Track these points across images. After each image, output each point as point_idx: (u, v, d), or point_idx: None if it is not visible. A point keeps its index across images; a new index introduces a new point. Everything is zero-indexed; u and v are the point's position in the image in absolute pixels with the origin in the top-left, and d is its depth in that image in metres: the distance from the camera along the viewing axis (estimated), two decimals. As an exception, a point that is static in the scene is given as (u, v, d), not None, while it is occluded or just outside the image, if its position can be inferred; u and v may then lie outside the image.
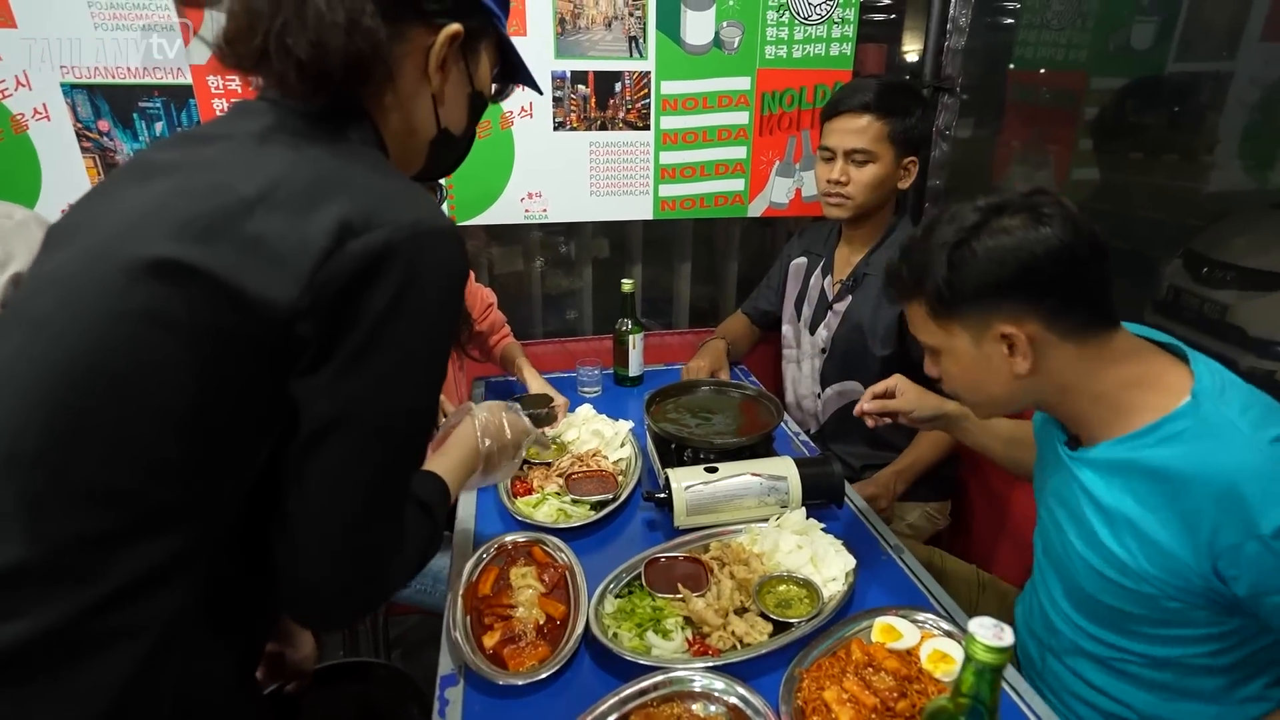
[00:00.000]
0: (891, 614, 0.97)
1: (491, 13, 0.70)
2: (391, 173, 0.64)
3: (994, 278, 0.80)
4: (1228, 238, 3.73)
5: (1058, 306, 0.81)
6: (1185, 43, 1.91)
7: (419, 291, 0.58)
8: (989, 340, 0.84)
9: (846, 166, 1.50)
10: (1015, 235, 0.79)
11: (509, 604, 1.00)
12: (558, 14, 1.68)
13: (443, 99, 0.70)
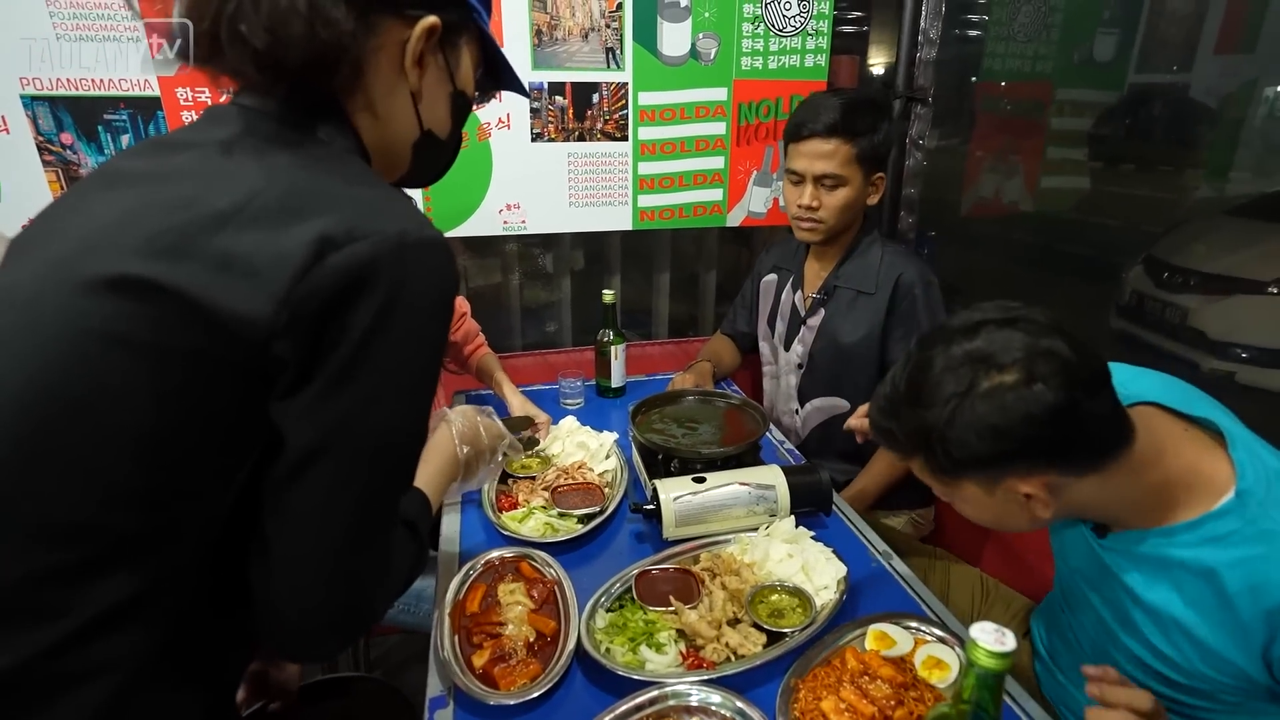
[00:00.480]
0: (884, 621, 0.96)
1: (470, 6, 0.67)
2: (373, 181, 0.61)
3: (993, 450, 0.73)
4: (1186, 243, 3.85)
5: (1068, 457, 0.75)
6: (1144, 55, 1.97)
7: (407, 306, 0.55)
8: (1001, 492, 0.78)
9: (817, 191, 1.47)
10: (1010, 399, 0.71)
11: (498, 621, 0.98)
12: (534, 25, 1.68)
13: (422, 97, 0.67)
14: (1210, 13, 1.88)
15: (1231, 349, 3.46)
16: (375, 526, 0.61)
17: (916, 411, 0.77)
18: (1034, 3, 1.88)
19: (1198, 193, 2.24)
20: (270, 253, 0.51)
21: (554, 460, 1.39)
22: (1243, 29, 1.91)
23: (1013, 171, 2.14)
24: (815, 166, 1.45)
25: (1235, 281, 3.58)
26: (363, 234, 0.53)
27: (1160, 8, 1.87)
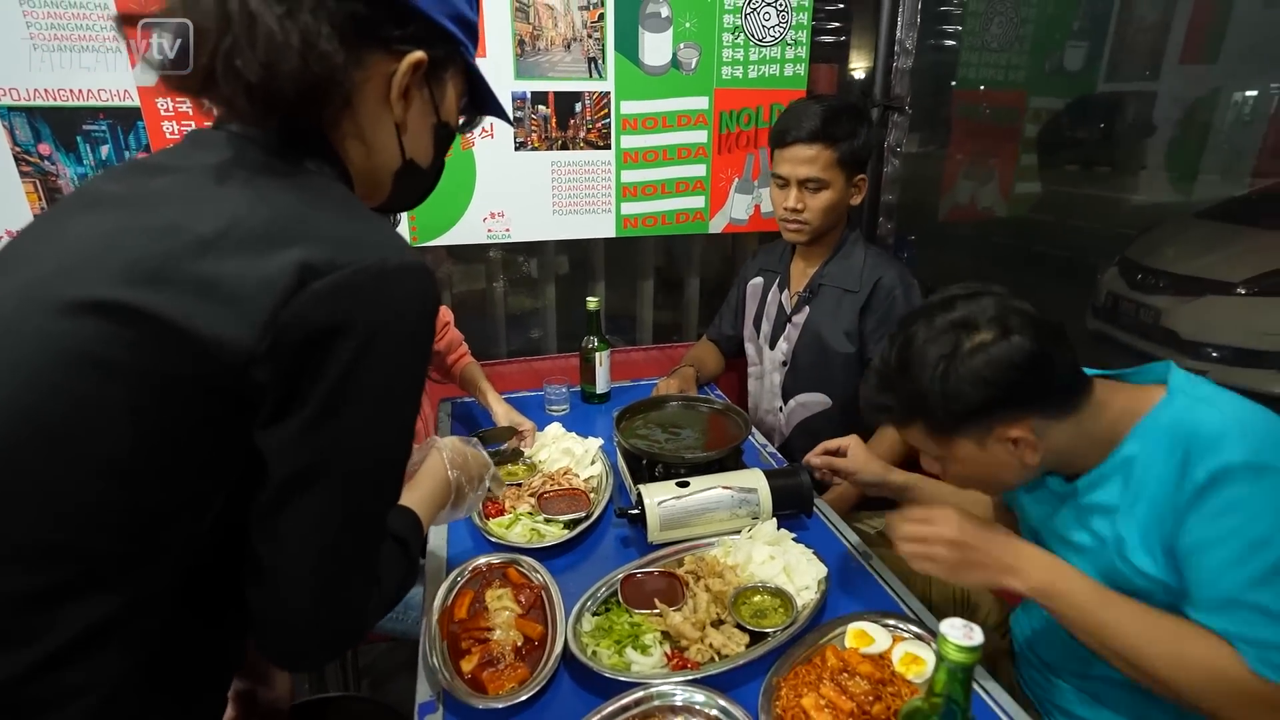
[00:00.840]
0: (863, 619, 0.99)
1: (458, 41, 0.68)
2: (356, 209, 0.61)
3: (987, 397, 0.83)
4: (1159, 246, 3.94)
5: (1047, 399, 0.85)
6: (1113, 64, 2.03)
7: (389, 332, 0.56)
8: (992, 442, 0.87)
9: (802, 194, 1.54)
10: (993, 352, 0.82)
11: (486, 626, 0.99)
12: (517, 35, 1.69)
13: (406, 128, 0.68)
14: (1175, 24, 1.93)
15: (1203, 349, 3.55)
16: (364, 545, 0.63)
17: (910, 378, 0.86)
18: (1006, 14, 1.92)
19: (1166, 197, 2.30)
20: (253, 279, 0.52)
21: (540, 467, 1.41)
22: (1206, 40, 1.97)
23: (988, 177, 2.19)
24: (799, 171, 1.52)
25: (1205, 283, 3.66)
26: (344, 261, 0.54)
27: (1127, 19, 1.92)
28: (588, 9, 1.72)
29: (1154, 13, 1.93)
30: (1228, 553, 0.76)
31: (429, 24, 0.64)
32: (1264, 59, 1.90)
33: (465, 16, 0.68)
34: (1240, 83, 1.98)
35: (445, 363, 1.67)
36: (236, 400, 0.53)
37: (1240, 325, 3.53)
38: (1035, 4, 1.93)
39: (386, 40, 0.63)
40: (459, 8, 0.67)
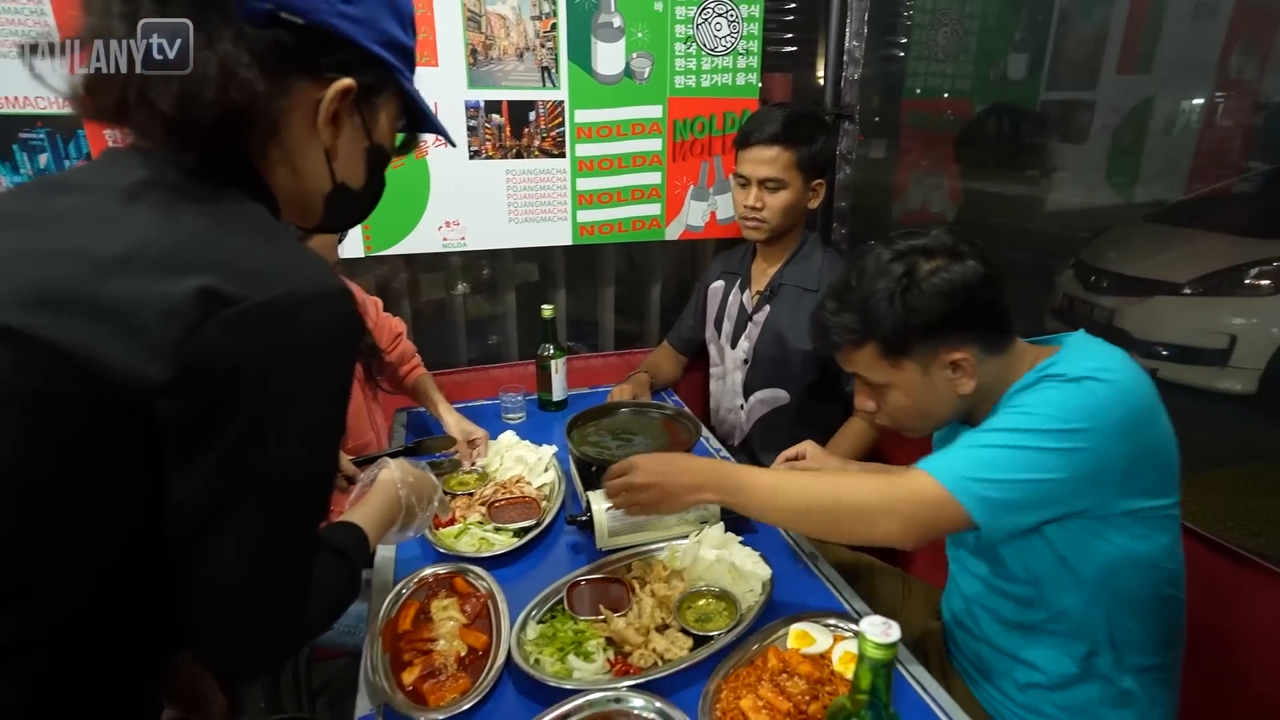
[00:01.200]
0: (805, 620, 1.01)
1: (390, 66, 0.66)
2: (273, 233, 0.60)
3: (943, 312, 0.89)
4: (1110, 248, 4.06)
5: (988, 326, 0.92)
6: (1054, 75, 2.09)
7: (306, 361, 0.55)
8: (936, 367, 0.93)
9: (761, 193, 1.61)
10: (951, 271, 0.89)
11: (429, 638, 0.99)
12: (469, 45, 1.69)
13: (336, 154, 0.66)
14: (1111, 37, 2.00)
15: (1153, 347, 3.67)
16: (292, 563, 0.62)
17: (871, 295, 0.92)
18: (951, 25, 1.98)
19: (1106, 200, 2.38)
20: (156, 306, 0.50)
21: (492, 476, 1.40)
22: (1140, 52, 2.04)
23: (938, 183, 2.24)
24: (759, 171, 1.59)
25: (1154, 284, 3.79)
26: (255, 290, 0.52)
27: (1066, 31, 1.99)
28: (540, 19, 1.73)
29: (1091, 26, 1.99)
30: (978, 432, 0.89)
31: (359, 51, 0.63)
32: (1193, 70, 1.97)
33: (399, 42, 0.67)
34: (1174, 92, 2.06)
35: (397, 374, 1.66)
36: (140, 427, 0.51)
37: (1186, 324, 3.66)
38: (979, 15, 1.99)
39: (313, 68, 0.61)
40: (392, 34, 0.66)
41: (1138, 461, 0.85)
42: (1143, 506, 0.87)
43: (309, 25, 0.59)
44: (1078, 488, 0.85)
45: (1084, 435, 0.83)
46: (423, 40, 1.66)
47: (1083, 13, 2.01)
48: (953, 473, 0.87)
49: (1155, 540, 0.90)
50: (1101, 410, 0.83)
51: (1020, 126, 2.23)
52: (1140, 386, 0.86)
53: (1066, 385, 0.86)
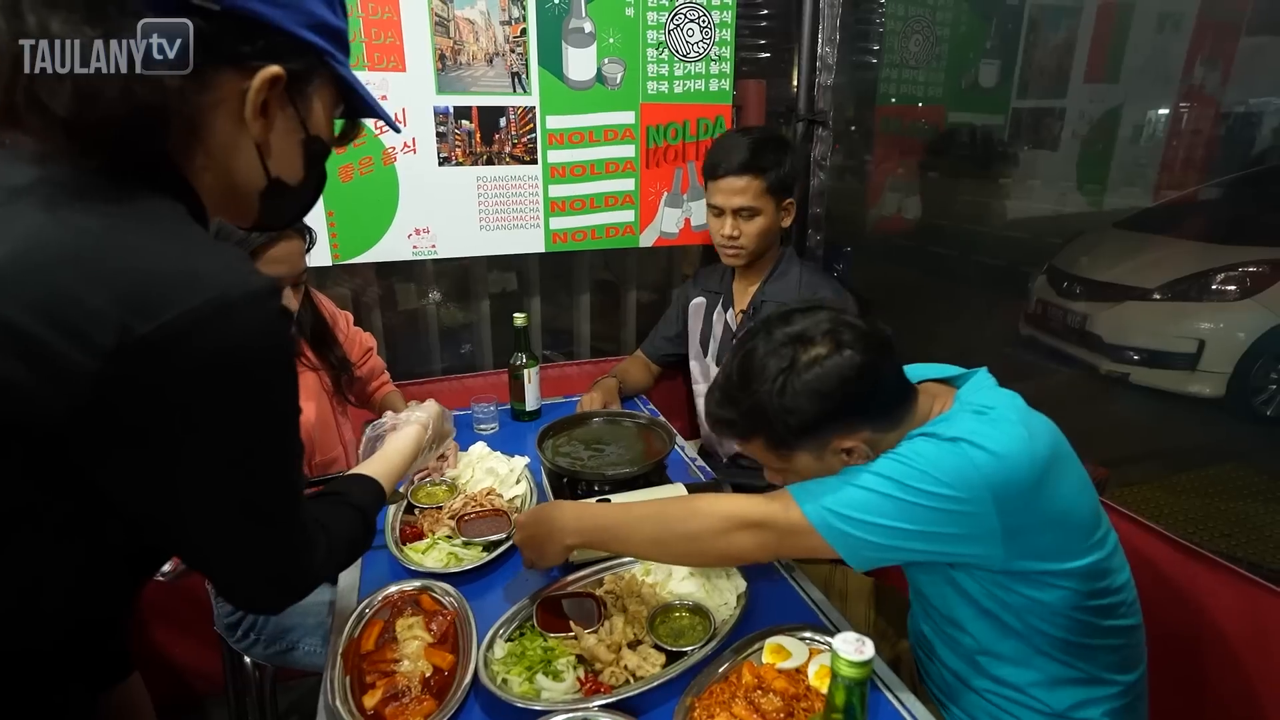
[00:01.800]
0: (780, 634, 0.98)
1: (321, 50, 0.62)
2: (189, 236, 0.55)
3: (821, 410, 0.87)
4: (1081, 254, 4.12)
5: (877, 410, 0.90)
6: (1024, 83, 2.12)
7: (237, 366, 0.52)
8: (829, 454, 0.91)
9: (737, 222, 1.64)
10: (827, 365, 0.86)
11: (393, 659, 0.95)
12: (437, 50, 1.67)
13: (269, 148, 0.62)
14: (1078, 46, 2.03)
15: (1125, 352, 3.72)
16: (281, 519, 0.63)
17: (751, 392, 0.89)
18: (923, 33, 1.99)
19: (1077, 207, 2.41)
20: (65, 327, 0.46)
21: (462, 488, 1.37)
22: (1107, 61, 2.07)
23: (912, 189, 2.25)
24: (732, 201, 1.62)
25: (1124, 289, 3.85)
26: (175, 300, 0.49)
27: (1034, 40, 2.01)
28: (510, 24, 1.70)
29: (1059, 35, 2.02)
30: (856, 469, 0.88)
31: (284, 36, 0.58)
32: (1158, 79, 2.01)
33: (329, 24, 0.63)
34: (1139, 101, 2.09)
35: (365, 390, 1.64)
36: (77, 450, 0.49)
37: (1156, 329, 3.72)
38: (950, 24, 2.00)
39: (234, 58, 0.57)
40: (320, 15, 0.61)
41: (1023, 530, 0.83)
42: (1046, 569, 0.86)
43: (225, 11, 0.54)
44: (948, 543, 0.84)
45: (952, 499, 0.81)
46: (389, 45, 1.63)
47: (1051, 22, 2.04)
48: (817, 504, 0.86)
49: (1073, 589, 0.87)
50: (972, 478, 0.81)
51: (991, 134, 2.25)
52: (1025, 456, 0.82)
53: (942, 444, 0.84)
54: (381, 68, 1.64)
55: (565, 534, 1.00)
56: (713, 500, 0.95)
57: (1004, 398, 0.90)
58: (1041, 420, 0.91)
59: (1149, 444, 3.67)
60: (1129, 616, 0.94)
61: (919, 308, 2.59)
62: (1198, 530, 2.84)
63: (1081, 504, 0.87)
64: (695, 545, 0.92)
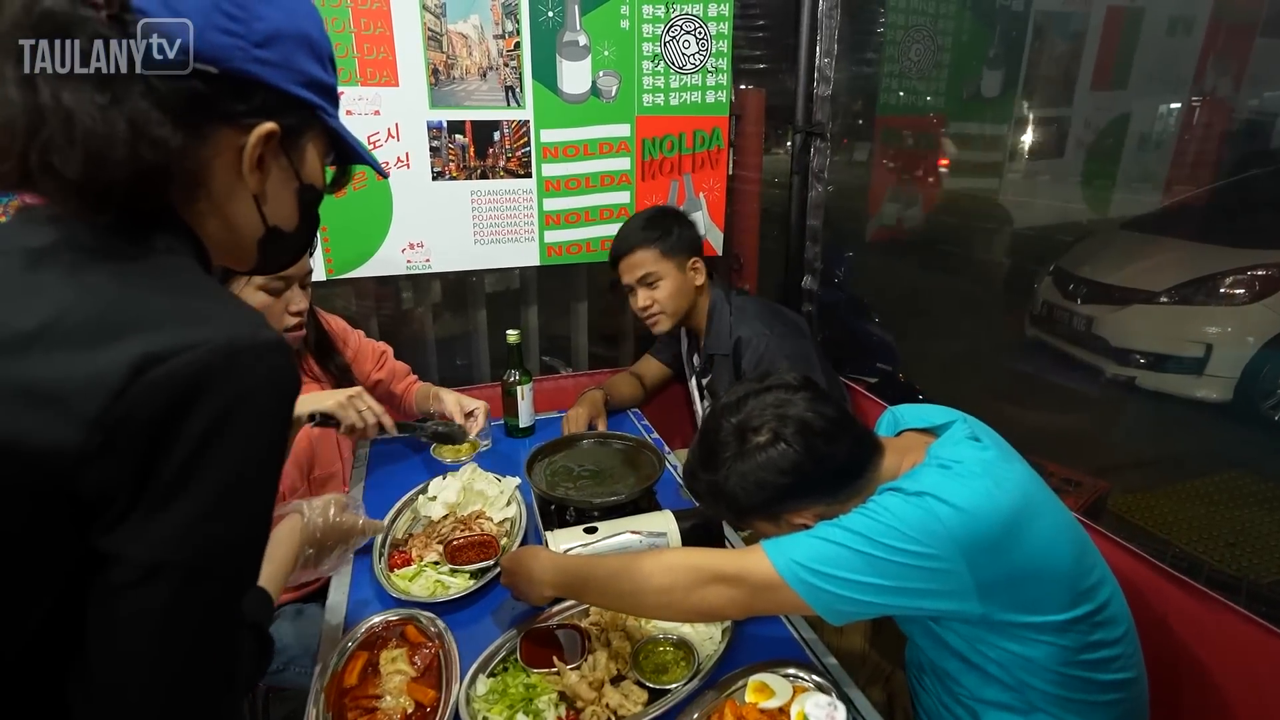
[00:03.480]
0: (764, 671, 0.97)
1: (312, 105, 0.66)
2: (204, 288, 0.58)
3: (764, 496, 0.91)
4: (1088, 256, 4.08)
5: (823, 490, 0.92)
6: (1029, 90, 2.08)
7: (239, 416, 0.53)
8: (785, 525, 0.95)
9: (646, 291, 1.67)
10: (764, 457, 0.90)
11: (375, 694, 0.95)
12: (430, 64, 1.66)
13: (265, 198, 0.65)
14: (1085, 53, 1.99)
15: (1131, 355, 3.68)
16: (218, 640, 0.58)
17: (706, 474, 0.95)
18: (924, 42, 1.96)
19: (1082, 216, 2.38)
20: (82, 376, 0.48)
21: (452, 509, 1.36)
22: (1115, 68, 2.03)
23: (911, 200, 2.23)
24: (633, 274, 1.66)
25: (1131, 292, 3.81)
26: (188, 345, 0.50)
27: (1040, 48, 1.98)
28: (503, 37, 1.69)
29: (1064, 43, 1.98)
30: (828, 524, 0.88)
31: (278, 94, 0.61)
32: (1168, 83, 1.97)
33: (320, 80, 0.66)
34: (1149, 106, 2.06)
35: (394, 395, 1.67)
36: (66, 505, 0.49)
37: (1163, 332, 3.68)
38: (952, 32, 1.97)
39: (232, 116, 0.59)
40: (310, 73, 0.64)
41: (998, 583, 0.82)
42: (1029, 622, 0.84)
43: (224, 74, 0.56)
44: (921, 598, 0.83)
45: (920, 555, 0.81)
46: (382, 60, 1.62)
47: (1057, 29, 2.00)
48: (787, 558, 0.86)
49: (1061, 645, 0.86)
50: (938, 532, 0.80)
51: (995, 142, 2.22)
52: (990, 508, 0.81)
53: (908, 498, 0.84)
54: (374, 83, 1.63)
55: (542, 585, 1.01)
56: (684, 554, 0.96)
57: (972, 451, 0.89)
58: (1014, 470, 0.89)
59: (1154, 450, 3.65)
60: (1127, 670, 0.92)
61: (921, 311, 2.57)
62: (1201, 539, 2.81)
63: (1061, 554, 0.86)
64: (666, 599, 0.92)
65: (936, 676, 1.00)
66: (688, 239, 1.68)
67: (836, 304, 2.28)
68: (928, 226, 2.38)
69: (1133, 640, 0.95)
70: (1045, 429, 2.24)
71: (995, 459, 0.89)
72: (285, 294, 1.32)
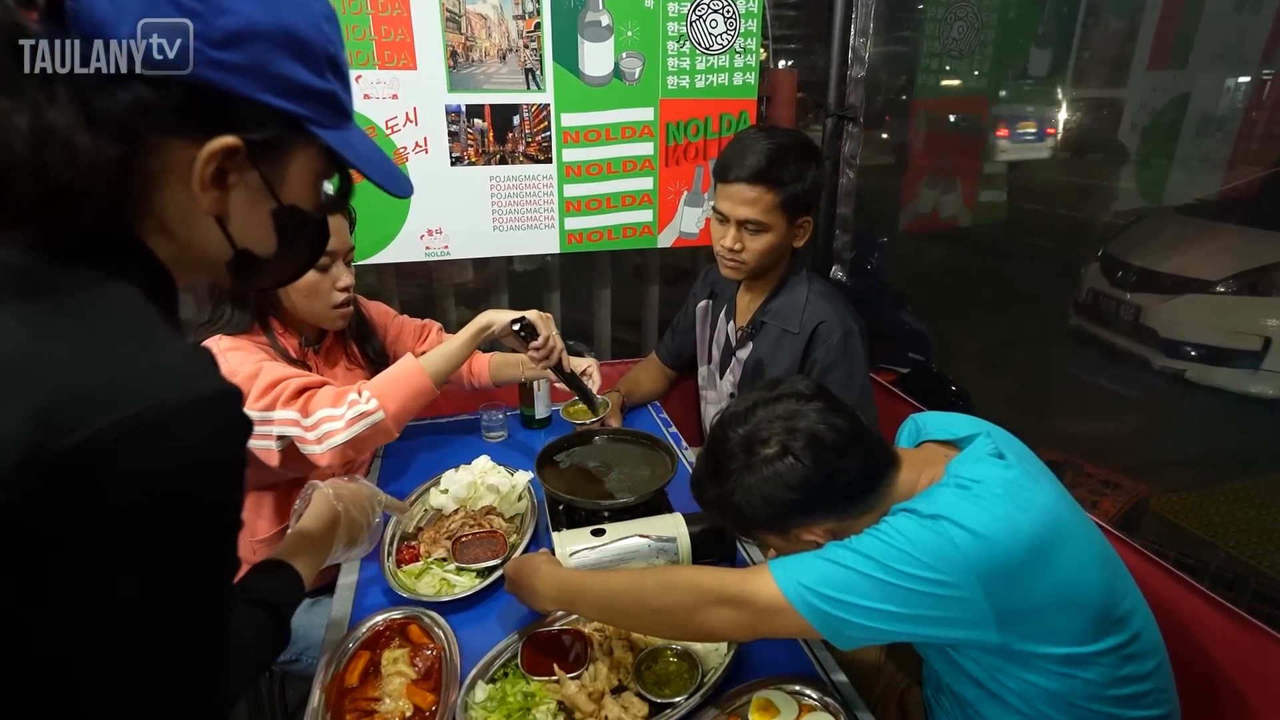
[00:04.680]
0: (769, 688, 0.95)
1: (297, 116, 0.57)
2: (130, 329, 0.50)
3: (772, 512, 0.88)
4: (1139, 242, 3.88)
5: (834, 506, 0.88)
6: (1079, 71, 1.96)
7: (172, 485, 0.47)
8: (794, 541, 0.92)
9: (740, 235, 1.46)
10: (772, 471, 0.86)
11: (374, 696, 0.95)
12: (449, 46, 1.62)
13: (229, 219, 0.57)
14: (1142, 30, 1.87)
15: (1181, 347, 3.51)
16: (199, 662, 0.56)
17: (714, 486, 0.92)
18: (967, 19, 1.85)
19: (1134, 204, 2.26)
20: None
21: (462, 504, 1.35)
22: (1174, 46, 1.90)
23: (950, 186, 2.13)
24: (739, 211, 1.44)
25: (1184, 280, 3.62)
26: (101, 412, 0.44)
27: (1093, 25, 1.85)
28: (523, 18, 1.64)
29: (1120, 19, 1.86)
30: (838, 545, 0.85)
31: (245, 104, 0.53)
32: (1232, 62, 1.83)
33: (308, 87, 0.57)
34: (1211, 86, 1.92)
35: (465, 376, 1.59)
36: None
37: (1218, 324, 3.50)
38: (998, 9, 1.85)
39: (180, 127, 0.52)
40: (293, 77, 0.55)
41: (1019, 613, 0.77)
42: (1052, 653, 0.79)
43: (172, 80, 0.49)
44: (935, 626, 0.78)
45: (934, 582, 0.76)
46: (399, 42, 1.59)
47: (1112, 6, 1.87)
48: (794, 581, 0.82)
49: (1086, 678, 0.81)
50: (953, 558, 0.76)
51: (1042, 124, 2.10)
52: (1009, 533, 0.76)
53: (923, 520, 0.79)
54: (392, 66, 1.60)
55: (543, 599, 0.99)
56: (690, 573, 0.93)
57: (994, 470, 0.84)
58: (1041, 491, 0.83)
59: (1202, 447, 3.49)
60: (1159, 706, 0.87)
61: (957, 299, 2.47)
62: (1250, 543, 2.69)
63: (1089, 583, 0.80)
64: (667, 619, 0.90)
65: (955, 700, 0.96)
66: (812, 192, 1.46)
67: (868, 293, 2.20)
68: (967, 212, 2.27)
69: (1166, 674, 0.89)
70: (1086, 423, 2.14)
71: (1019, 479, 0.84)
72: (332, 270, 1.29)
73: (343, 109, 0.61)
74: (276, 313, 1.31)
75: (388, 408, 1.19)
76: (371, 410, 1.17)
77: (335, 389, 1.20)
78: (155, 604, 0.50)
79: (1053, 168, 2.32)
